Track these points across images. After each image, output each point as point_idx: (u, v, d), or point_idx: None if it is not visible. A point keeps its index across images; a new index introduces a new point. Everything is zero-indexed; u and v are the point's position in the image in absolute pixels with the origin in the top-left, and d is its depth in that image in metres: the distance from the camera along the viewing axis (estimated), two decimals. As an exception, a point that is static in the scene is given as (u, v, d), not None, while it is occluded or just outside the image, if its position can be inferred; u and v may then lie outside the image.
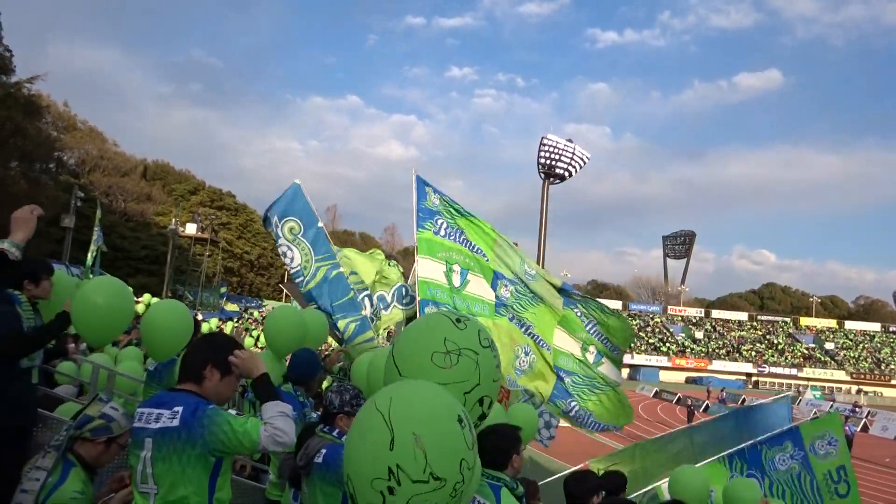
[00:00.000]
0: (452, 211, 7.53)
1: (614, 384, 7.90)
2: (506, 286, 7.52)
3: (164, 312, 4.25)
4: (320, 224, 7.75)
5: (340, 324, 7.23)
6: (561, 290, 7.84)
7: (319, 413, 3.64)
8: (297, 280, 7.55)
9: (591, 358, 7.76)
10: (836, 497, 6.21)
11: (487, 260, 7.55)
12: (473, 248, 7.53)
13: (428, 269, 7.24)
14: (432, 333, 2.22)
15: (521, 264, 7.70)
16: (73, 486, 2.98)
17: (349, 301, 7.38)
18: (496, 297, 7.47)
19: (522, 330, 7.51)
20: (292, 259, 7.51)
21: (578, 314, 7.76)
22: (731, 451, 6.23)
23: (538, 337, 7.53)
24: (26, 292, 3.84)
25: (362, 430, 1.79)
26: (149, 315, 4.25)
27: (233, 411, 2.68)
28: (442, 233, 7.40)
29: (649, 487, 6.28)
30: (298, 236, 7.50)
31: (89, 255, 21.67)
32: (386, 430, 1.73)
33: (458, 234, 7.46)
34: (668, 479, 5.94)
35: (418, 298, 7.21)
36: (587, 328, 7.73)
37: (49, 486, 2.93)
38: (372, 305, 7.68)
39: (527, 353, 7.46)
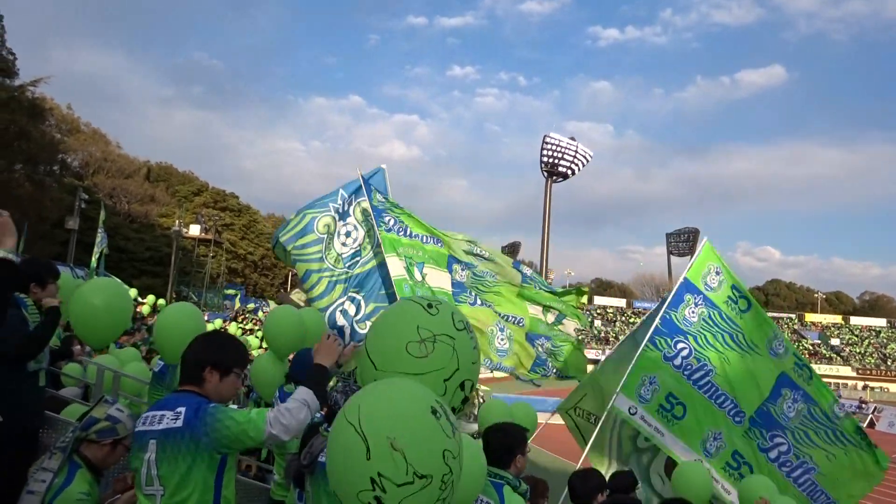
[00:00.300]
0: (393, 207, 7.47)
1: (574, 338, 7.89)
2: (461, 270, 7.49)
3: (176, 315, 4.26)
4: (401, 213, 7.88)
5: (370, 307, 7.27)
6: (513, 270, 7.86)
7: (324, 413, 3.65)
8: (351, 262, 7.47)
9: (551, 318, 7.76)
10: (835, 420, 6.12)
11: (441, 246, 7.52)
12: (423, 238, 7.46)
13: (396, 266, 7.19)
14: (405, 322, 2.15)
15: (471, 247, 7.67)
16: (79, 487, 2.99)
17: (388, 294, 7.41)
18: (453, 282, 7.42)
19: (490, 308, 7.52)
20: (354, 239, 7.46)
21: (536, 288, 7.80)
22: (742, 424, 6.09)
23: (509, 315, 7.55)
24: (32, 295, 3.86)
25: (337, 445, 1.75)
26: (162, 317, 4.27)
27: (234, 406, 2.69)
28: (395, 229, 7.34)
29: (609, 407, 6.35)
30: (368, 218, 7.51)
31: (93, 257, 21.72)
32: (360, 441, 1.68)
33: (405, 229, 7.40)
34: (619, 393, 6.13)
35: (399, 297, 7.19)
36: (536, 287, 7.80)
37: (55, 487, 2.94)
38: None
39: (502, 330, 7.46)
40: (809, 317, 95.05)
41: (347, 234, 7.50)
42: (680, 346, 6.38)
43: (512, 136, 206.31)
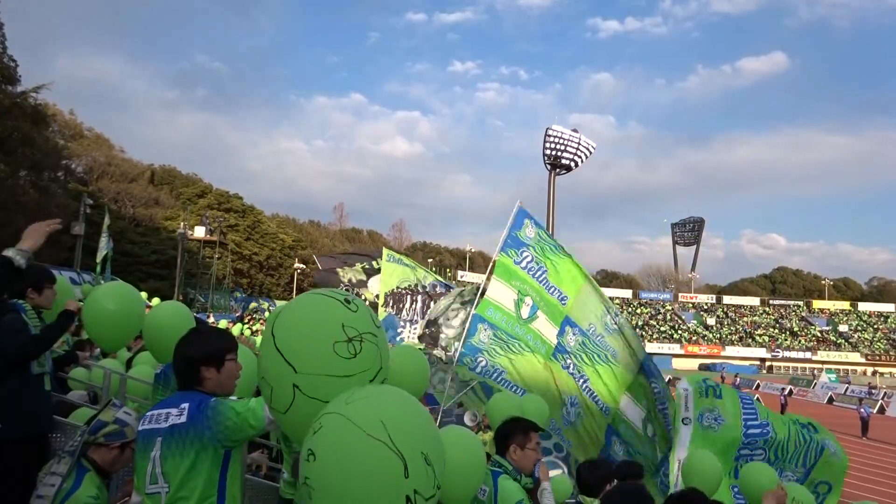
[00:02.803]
0: (545, 248, 7.23)
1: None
2: (574, 335, 7.03)
3: (165, 314, 4.27)
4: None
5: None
6: (637, 358, 7.07)
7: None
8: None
9: (650, 431, 6.90)
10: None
11: (564, 305, 7.11)
12: (551, 289, 7.14)
13: (498, 291, 7.04)
14: (327, 320, 1.98)
15: (604, 316, 7.09)
16: (88, 491, 3.01)
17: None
18: (559, 343, 7.00)
19: (578, 382, 6.94)
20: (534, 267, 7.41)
21: (655, 389, 6.88)
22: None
23: (594, 393, 6.90)
24: (29, 300, 3.91)
25: (361, 463, 1.61)
26: (150, 318, 4.28)
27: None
28: (524, 265, 7.11)
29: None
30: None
31: (98, 261, 21.80)
32: (396, 458, 1.59)
33: (540, 272, 7.13)
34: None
35: (473, 312, 7.06)
36: (657, 404, 6.83)
37: (64, 491, 2.96)
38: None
39: (573, 405, 6.90)
40: (817, 304, 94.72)
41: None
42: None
43: (514, 130, 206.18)
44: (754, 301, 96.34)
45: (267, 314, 42.88)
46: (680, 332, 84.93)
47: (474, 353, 6.94)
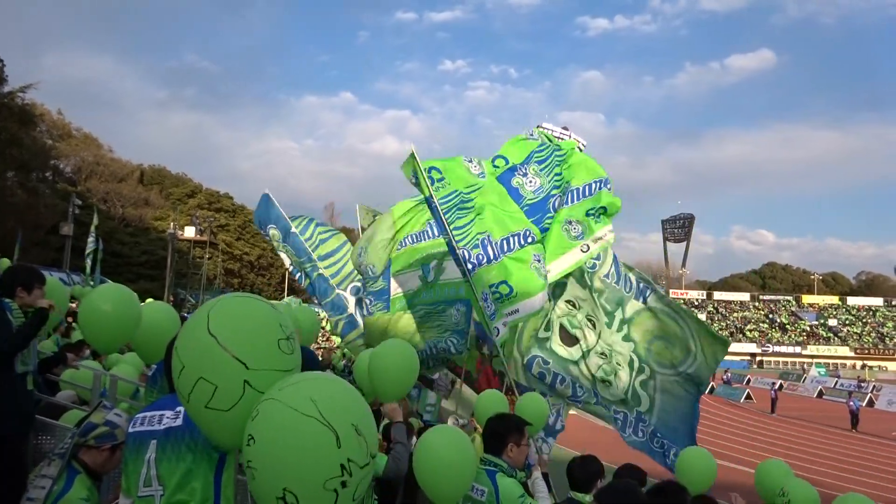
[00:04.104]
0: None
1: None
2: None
3: (152, 315, 4.27)
4: (293, 229, 8.02)
5: (332, 321, 7.31)
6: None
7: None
8: (297, 278, 7.73)
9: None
10: None
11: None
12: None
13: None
14: (269, 319, 2.13)
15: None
16: (79, 493, 3.00)
17: (333, 301, 7.49)
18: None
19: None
20: (286, 261, 7.76)
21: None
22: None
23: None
24: (18, 300, 3.92)
25: (297, 439, 1.73)
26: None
27: None
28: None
29: None
30: (281, 242, 7.70)
31: (87, 262, 21.63)
32: (328, 431, 1.72)
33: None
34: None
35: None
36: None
37: (54, 493, 2.94)
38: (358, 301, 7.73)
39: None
40: (806, 298, 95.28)
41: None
42: None
43: (504, 129, 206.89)
44: (744, 297, 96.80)
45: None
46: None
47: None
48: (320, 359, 7.07)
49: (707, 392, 40.47)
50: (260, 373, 2.01)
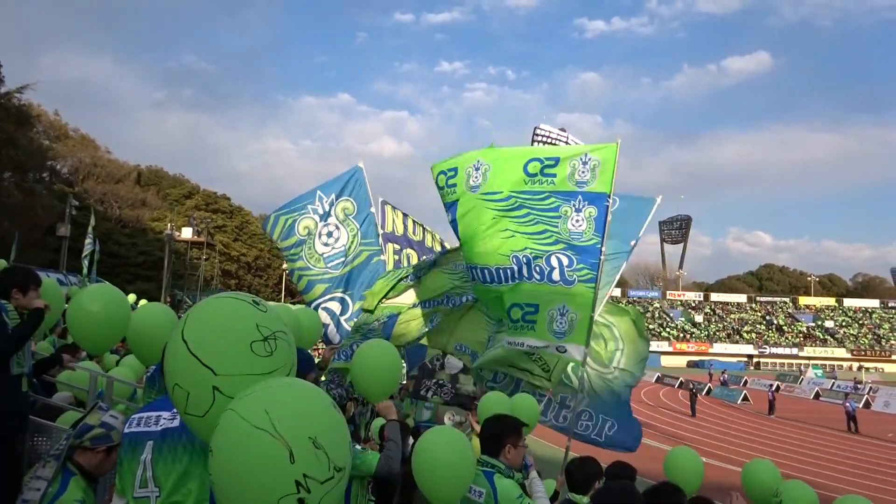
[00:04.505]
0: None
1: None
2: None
3: (147, 316, 4.25)
4: (371, 209, 7.87)
5: (357, 306, 7.29)
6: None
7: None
8: (334, 262, 7.49)
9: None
10: None
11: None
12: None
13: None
14: (241, 321, 2.03)
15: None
16: (74, 495, 2.98)
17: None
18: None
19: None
20: (337, 239, 7.47)
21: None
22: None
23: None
24: (13, 301, 3.92)
25: (248, 454, 1.66)
26: (133, 320, 4.26)
27: None
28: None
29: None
30: (350, 217, 7.54)
31: (83, 263, 21.59)
32: (280, 445, 1.64)
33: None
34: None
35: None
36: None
37: (49, 495, 2.93)
38: None
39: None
40: (803, 300, 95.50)
41: (329, 235, 7.54)
42: None
43: (502, 130, 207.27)
44: (741, 298, 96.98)
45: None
46: (668, 329, 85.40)
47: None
48: (320, 359, 7.04)
49: (704, 393, 40.50)
50: (229, 378, 1.94)
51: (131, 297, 16.86)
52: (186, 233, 64.38)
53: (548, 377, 6.59)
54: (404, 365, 7.20)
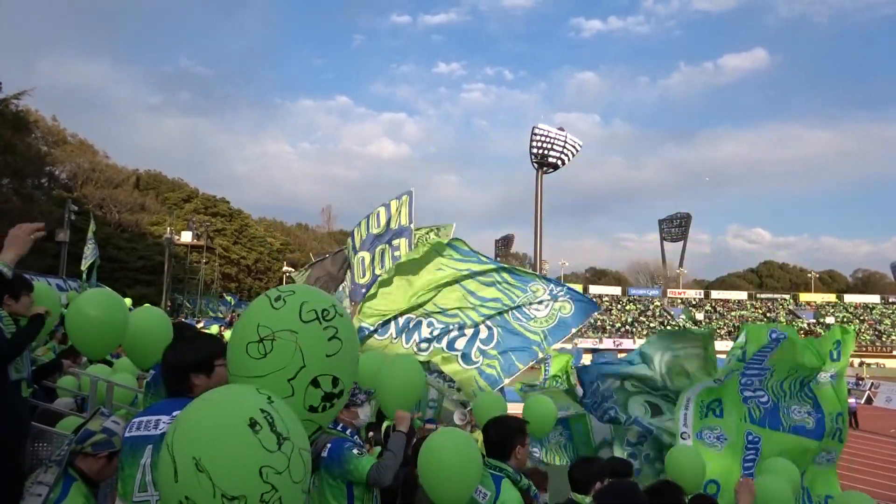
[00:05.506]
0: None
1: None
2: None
3: (142, 320, 4.25)
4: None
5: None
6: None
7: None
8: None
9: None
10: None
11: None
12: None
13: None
14: (246, 321, 2.02)
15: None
16: (75, 501, 2.97)
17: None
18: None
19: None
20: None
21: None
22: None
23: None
24: (6, 307, 3.89)
25: (158, 467, 1.68)
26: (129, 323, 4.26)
27: None
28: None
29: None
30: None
31: (83, 268, 21.59)
32: (170, 462, 1.59)
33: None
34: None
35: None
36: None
37: (51, 501, 2.92)
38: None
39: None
40: (804, 296, 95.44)
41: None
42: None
43: (500, 131, 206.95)
44: (742, 295, 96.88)
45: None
46: (669, 327, 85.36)
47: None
48: None
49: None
50: (235, 379, 1.96)
51: (128, 302, 16.83)
52: (186, 236, 64.41)
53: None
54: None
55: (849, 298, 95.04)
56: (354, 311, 7.52)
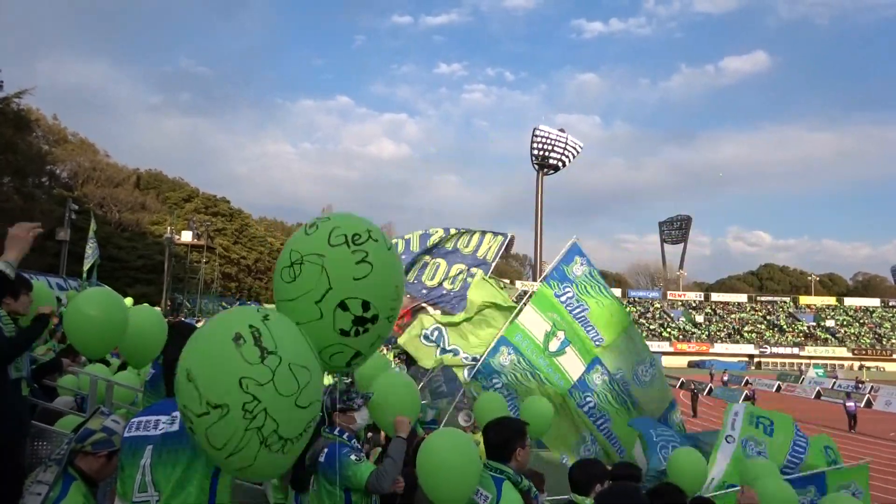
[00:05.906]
0: (591, 287, 7.19)
1: None
2: (601, 375, 6.94)
3: (136, 319, 4.25)
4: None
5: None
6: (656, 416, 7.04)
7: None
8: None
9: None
10: None
11: (598, 346, 7.01)
12: (588, 328, 7.07)
13: (531, 320, 7.12)
14: (285, 249, 2.13)
15: (637, 366, 6.99)
16: (75, 500, 2.96)
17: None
18: (583, 379, 6.93)
19: (597, 421, 6.88)
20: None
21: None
22: None
23: (612, 435, 6.86)
24: (5, 307, 3.89)
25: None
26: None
27: None
28: (563, 299, 7.14)
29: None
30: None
31: (84, 268, 21.59)
32: (182, 375, 1.82)
33: (580, 310, 7.09)
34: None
35: (500, 335, 7.13)
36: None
37: (50, 500, 2.91)
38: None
39: (593, 443, 6.94)
40: (804, 299, 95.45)
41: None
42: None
43: (501, 131, 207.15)
44: (742, 298, 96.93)
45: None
46: (669, 329, 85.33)
47: (490, 374, 7.03)
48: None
49: (705, 393, 40.44)
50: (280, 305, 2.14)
51: (129, 301, 16.82)
52: (186, 236, 64.43)
53: None
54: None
55: (849, 301, 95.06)
56: (409, 303, 7.77)
